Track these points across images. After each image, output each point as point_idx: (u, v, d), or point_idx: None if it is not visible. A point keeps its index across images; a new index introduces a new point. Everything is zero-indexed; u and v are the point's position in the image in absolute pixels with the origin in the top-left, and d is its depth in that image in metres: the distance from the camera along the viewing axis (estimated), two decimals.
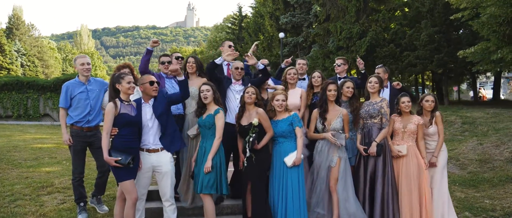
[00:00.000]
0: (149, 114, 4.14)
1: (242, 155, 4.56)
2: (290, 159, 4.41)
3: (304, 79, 5.88)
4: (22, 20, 51.12)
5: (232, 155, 5.12)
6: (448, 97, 19.78)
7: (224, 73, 5.45)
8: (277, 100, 4.54)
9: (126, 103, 4.03)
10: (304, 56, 20.39)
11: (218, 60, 5.01)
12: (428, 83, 27.51)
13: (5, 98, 19.09)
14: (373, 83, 4.95)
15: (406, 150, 4.79)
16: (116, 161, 3.83)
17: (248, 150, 4.41)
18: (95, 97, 4.94)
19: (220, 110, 4.32)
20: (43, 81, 20.06)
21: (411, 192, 4.69)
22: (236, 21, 38.14)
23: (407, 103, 4.85)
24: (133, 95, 4.29)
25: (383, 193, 4.70)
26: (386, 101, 4.89)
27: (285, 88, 5.20)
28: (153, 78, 4.18)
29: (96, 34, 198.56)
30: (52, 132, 13.82)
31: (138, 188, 4.11)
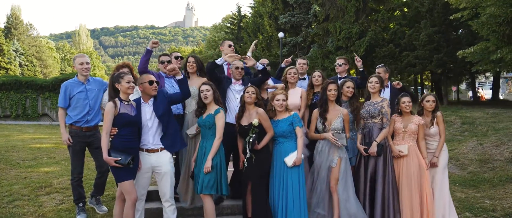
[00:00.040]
0: (149, 114, 4.11)
1: (242, 156, 4.53)
2: (291, 159, 4.39)
3: (305, 79, 5.86)
4: (21, 20, 50.96)
5: (232, 155, 5.10)
6: (448, 97, 19.78)
7: (224, 73, 5.42)
8: (278, 100, 4.52)
9: (126, 103, 4.00)
10: (304, 56, 20.36)
11: (219, 61, 5.00)
12: (427, 83, 27.53)
13: (4, 98, 19.04)
14: (374, 83, 4.93)
15: (407, 150, 4.77)
16: (116, 161, 3.81)
17: (248, 151, 4.39)
18: (94, 97, 4.91)
19: (221, 110, 4.30)
20: (42, 81, 20.03)
21: (412, 192, 4.67)
22: (235, 21, 38.10)
23: (408, 103, 4.83)
24: (133, 95, 4.26)
25: (384, 193, 4.69)
26: (387, 101, 4.87)
27: (286, 88, 5.17)
28: (153, 78, 4.14)
29: (95, 34, 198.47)
30: (51, 132, 13.76)
31: (138, 189, 4.08)
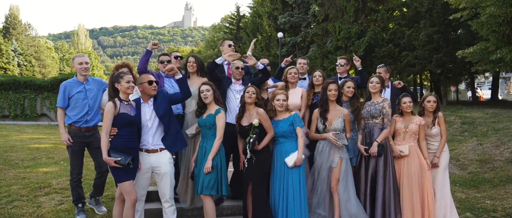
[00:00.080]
0: (149, 114, 4.08)
1: (243, 156, 4.51)
2: (291, 160, 4.37)
3: (305, 79, 5.84)
4: (19, 20, 50.88)
5: (232, 156, 5.07)
6: (447, 97, 19.79)
7: (225, 73, 5.40)
8: (278, 100, 4.49)
9: (126, 103, 3.97)
10: (304, 56, 20.33)
11: (219, 60, 4.96)
12: (426, 83, 27.55)
13: (2, 98, 18.99)
14: (375, 83, 4.91)
15: (408, 150, 4.75)
16: (116, 162, 3.77)
17: (249, 151, 4.36)
18: (94, 97, 4.87)
19: (221, 110, 4.27)
20: (40, 81, 20.00)
21: (413, 193, 4.66)
22: (234, 21, 38.06)
23: (409, 104, 4.81)
24: (132, 95, 4.23)
25: (384, 194, 4.67)
26: (388, 102, 4.85)
27: (286, 88, 5.15)
28: (152, 77, 4.11)
29: (94, 34, 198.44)
30: (50, 132, 13.72)
31: (137, 189, 4.05)
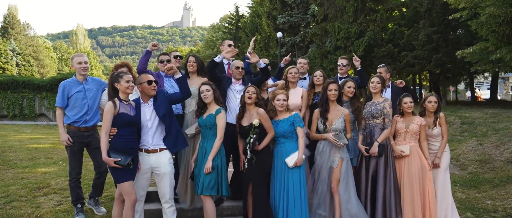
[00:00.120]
0: (149, 114, 4.05)
1: (243, 156, 4.48)
2: (292, 160, 4.35)
3: (305, 79, 5.82)
4: (17, 19, 50.75)
5: (232, 156, 5.04)
6: (446, 97, 19.80)
7: (225, 72, 5.37)
8: (278, 100, 4.47)
9: (125, 103, 3.94)
10: (305, 56, 20.31)
11: (218, 58, 4.92)
12: (425, 83, 27.55)
13: (0, 98, 18.91)
14: (375, 83, 4.89)
15: (409, 150, 4.73)
16: (116, 162, 3.74)
17: (249, 151, 4.33)
18: (93, 97, 4.84)
19: (222, 110, 4.24)
20: (39, 81, 19.93)
21: (413, 193, 4.64)
22: (233, 21, 38.04)
23: (410, 104, 4.79)
24: (132, 95, 4.20)
25: (385, 194, 4.65)
26: (389, 102, 4.83)
27: (286, 88, 5.13)
28: (151, 77, 4.08)
29: (92, 34, 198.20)
30: (48, 132, 13.68)
31: (137, 190, 4.02)
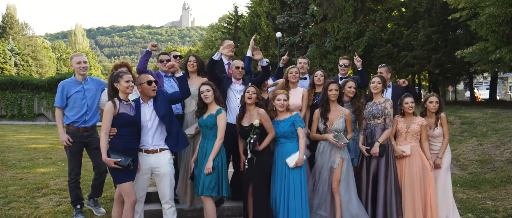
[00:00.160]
0: (149, 115, 4.02)
1: (243, 157, 4.45)
2: (292, 160, 4.33)
3: (305, 79, 5.79)
4: (16, 19, 50.69)
5: (232, 156, 5.01)
6: (445, 98, 19.81)
7: (225, 72, 5.34)
8: (279, 100, 4.45)
9: (125, 103, 3.91)
10: (304, 56, 20.28)
11: (216, 56, 4.86)
12: (425, 83, 27.57)
13: None
14: (376, 83, 4.86)
15: (410, 150, 4.71)
16: (116, 163, 3.70)
17: (249, 152, 4.31)
18: (92, 97, 4.81)
19: (222, 110, 4.21)
20: (37, 81, 19.86)
21: (414, 193, 4.62)
22: (232, 21, 38.05)
23: (411, 104, 4.77)
24: (132, 95, 4.17)
25: (386, 194, 4.63)
26: (390, 102, 4.80)
27: (287, 88, 5.11)
28: (151, 78, 4.04)
29: (91, 34, 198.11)
30: (47, 132, 13.64)
31: (137, 190, 3.99)
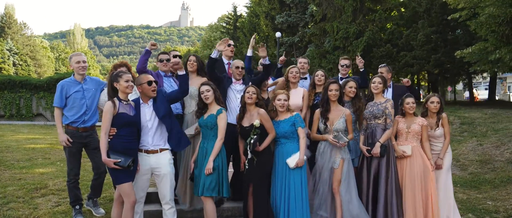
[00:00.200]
0: (149, 115, 3.99)
1: (243, 157, 4.43)
2: (293, 161, 4.31)
3: (306, 79, 5.77)
4: (14, 19, 50.53)
5: (231, 156, 4.99)
6: (444, 98, 19.82)
7: (225, 72, 5.31)
8: (279, 100, 4.42)
9: (125, 103, 3.88)
10: (305, 55, 20.26)
11: (214, 54, 4.83)
12: (424, 83, 27.58)
13: None
14: (377, 83, 4.85)
15: (411, 151, 4.69)
16: (116, 163, 3.67)
17: (250, 152, 4.28)
18: (91, 97, 4.78)
19: (223, 110, 4.19)
20: (36, 80, 19.83)
21: (415, 194, 4.61)
22: (231, 21, 38.05)
23: (412, 104, 4.75)
24: (131, 95, 4.14)
25: (387, 195, 4.62)
26: (391, 102, 4.78)
27: (287, 88, 5.09)
28: (151, 78, 4.01)
29: (90, 33, 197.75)
30: (46, 132, 13.61)
31: (137, 191, 3.96)
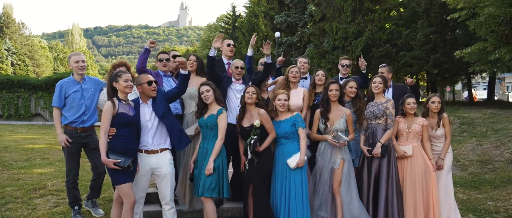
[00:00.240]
0: (148, 115, 3.96)
1: (244, 157, 4.41)
2: (293, 161, 4.28)
3: (306, 78, 5.75)
4: (13, 18, 50.49)
5: (231, 157, 4.96)
6: (443, 98, 19.84)
7: (226, 71, 5.29)
8: (279, 100, 4.40)
9: (124, 103, 3.86)
10: (305, 55, 20.24)
11: (211, 52, 4.80)
12: (423, 83, 27.58)
13: None
14: (377, 83, 4.82)
15: (411, 151, 4.68)
16: (116, 164, 3.64)
17: (250, 152, 4.26)
18: (90, 97, 4.75)
19: (223, 111, 4.16)
20: (34, 80, 19.81)
21: (416, 194, 4.59)
22: (230, 21, 38.02)
23: (413, 105, 4.73)
24: (130, 95, 4.12)
25: (387, 195, 4.60)
26: (392, 102, 4.76)
27: (287, 88, 5.06)
28: (151, 78, 3.98)
29: (88, 33, 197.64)
30: (44, 132, 13.57)
31: (136, 191, 3.93)
